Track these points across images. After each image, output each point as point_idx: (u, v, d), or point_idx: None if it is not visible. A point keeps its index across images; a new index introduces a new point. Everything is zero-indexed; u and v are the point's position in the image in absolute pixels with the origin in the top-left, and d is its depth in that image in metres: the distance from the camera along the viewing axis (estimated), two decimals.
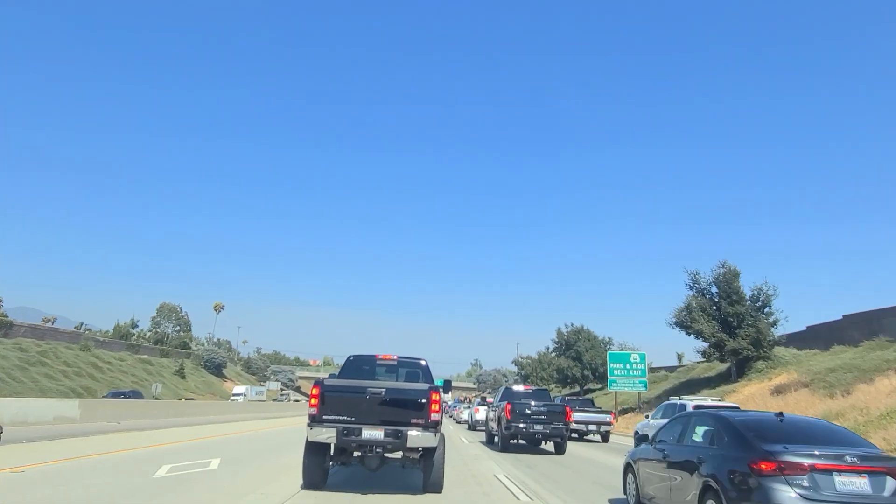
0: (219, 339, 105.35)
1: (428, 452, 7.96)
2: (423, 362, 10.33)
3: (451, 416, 45.24)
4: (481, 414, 27.56)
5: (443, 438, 8.14)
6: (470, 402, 74.27)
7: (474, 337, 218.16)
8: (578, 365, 50.18)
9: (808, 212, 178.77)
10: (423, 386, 8.28)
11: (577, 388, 51.76)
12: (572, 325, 53.72)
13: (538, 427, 15.84)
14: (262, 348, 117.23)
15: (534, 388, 21.00)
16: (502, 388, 20.25)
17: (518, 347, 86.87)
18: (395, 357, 10.24)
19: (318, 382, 8.04)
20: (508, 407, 16.05)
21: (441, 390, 8.31)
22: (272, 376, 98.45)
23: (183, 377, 68.12)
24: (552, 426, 15.85)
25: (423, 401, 7.86)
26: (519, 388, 19.91)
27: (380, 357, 10.23)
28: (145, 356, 68.22)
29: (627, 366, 35.82)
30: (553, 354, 54.83)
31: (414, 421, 7.76)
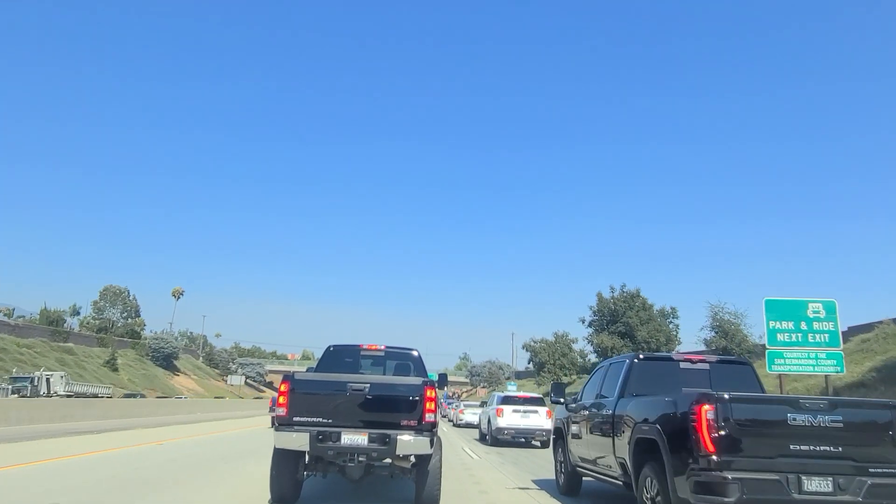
0: (192, 333, 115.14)
1: (422, 460, 8.33)
2: (416, 353, 10.89)
3: (444, 417, 45.49)
4: (507, 418, 23.03)
5: (439, 443, 8.58)
6: (459, 398, 76.80)
7: (461, 330, 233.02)
8: (630, 344, 45.67)
9: None
10: (416, 380, 8.59)
11: None
12: (621, 288, 48.36)
13: (820, 482, 6.19)
14: (239, 342, 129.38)
15: (719, 354, 10.12)
16: (625, 362, 9.30)
17: (513, 337, 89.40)
18: (383, 347, 10.82)
19: (287, 377, 8.39)
20: (703, 414, 6.26)
21: (436, 385, 8.66)
22: (238, 369, 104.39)
23: (115, 370, 69.79)
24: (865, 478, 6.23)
25: (416, 398, 8.17)
26: (678, 357, 9.67)
27: (364, 347, 10.79)
28: (70, 344, 70.31)
29: (803, 325, 21.34)
30: (590, 331, 50.13)
31: (405, 423, 8.07)
